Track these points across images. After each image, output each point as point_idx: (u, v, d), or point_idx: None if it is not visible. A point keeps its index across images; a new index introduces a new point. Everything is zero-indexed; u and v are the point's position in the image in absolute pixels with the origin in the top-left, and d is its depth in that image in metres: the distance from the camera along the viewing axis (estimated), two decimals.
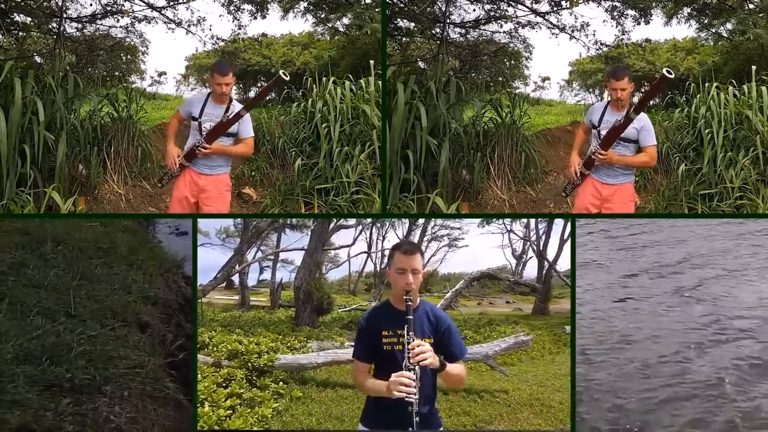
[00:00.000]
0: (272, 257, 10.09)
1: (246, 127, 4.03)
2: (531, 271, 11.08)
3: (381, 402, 2.25)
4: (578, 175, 4.01)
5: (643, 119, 3.80)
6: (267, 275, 10.68)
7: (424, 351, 2.14)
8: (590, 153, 3.93)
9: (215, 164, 4.05)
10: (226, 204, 4.15)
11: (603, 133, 3.84)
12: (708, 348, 4.43)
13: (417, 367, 2.13)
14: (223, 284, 9.48)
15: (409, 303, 2.24)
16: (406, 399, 2.09)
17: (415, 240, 9.93)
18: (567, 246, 9.08)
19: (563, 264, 9.61)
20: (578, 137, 4.19)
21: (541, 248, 10.32)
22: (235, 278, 9.89)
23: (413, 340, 2.17)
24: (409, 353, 2.14)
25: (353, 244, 10.31)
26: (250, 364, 4.98)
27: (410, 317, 2.22)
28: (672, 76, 3.42)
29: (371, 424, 2.37)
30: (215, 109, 3.95)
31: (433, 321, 2.33)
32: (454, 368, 2.28)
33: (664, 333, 4.73)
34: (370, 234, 10.34)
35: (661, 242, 7.78)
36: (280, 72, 3.77)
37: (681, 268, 6.55)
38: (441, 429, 2.40)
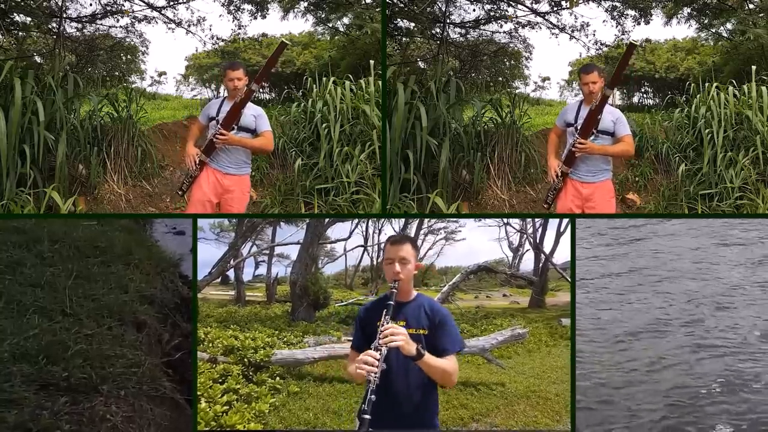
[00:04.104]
0: (267, 252, 10.00)
1: (263, 122, 4.06)
2: (528, 263, 10.94)
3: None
4: (559, 176, 4.02)
5: (616, 112, 3.94)
6: (262, 270, 10.52)
7: (393, 333, 2.12)
8: (569, 146, 3.96)
9: (239, 163, 4.07)
10: (245, 205, 4.19)
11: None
12: None
13: (384, 348, 2.11)
14: (218, 279, 9.36)
15: (394, 290, 2.27)
16: (366, 377, 2.06)
17: (411, 234, 9.78)
18: (563, 239, 9.03)
19: (559, 257, 9.56)
20: (552, 141, 4.20)
21: (537, 241, 10.25)
22: (230, 273, 9.73)
23: (388, 323, 2.18)
24: (380, 334, 2.14)
25: (349, 237, 10.14)
26: (246, 360, 4.96)
27: (390, 302, 2.24)
28: (638, 44, 3.48)
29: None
30: (230, 106, 3.99)
31: (429, 313, 2.34)
32: (436, 360, 2.21)
33: None
34: (366, 228, 10.22)
35: None
36: (282, 39, 3.80)
37: None
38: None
